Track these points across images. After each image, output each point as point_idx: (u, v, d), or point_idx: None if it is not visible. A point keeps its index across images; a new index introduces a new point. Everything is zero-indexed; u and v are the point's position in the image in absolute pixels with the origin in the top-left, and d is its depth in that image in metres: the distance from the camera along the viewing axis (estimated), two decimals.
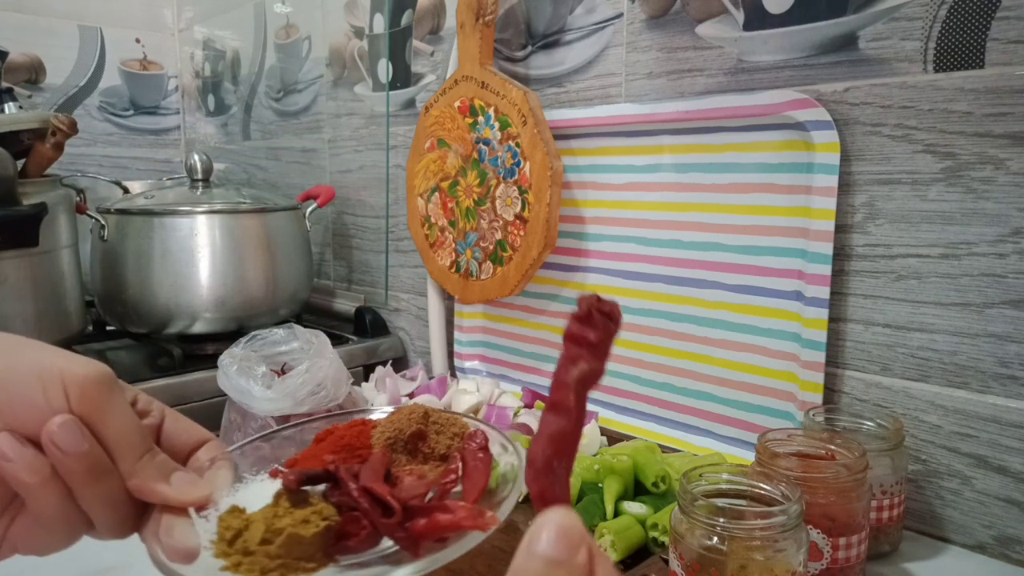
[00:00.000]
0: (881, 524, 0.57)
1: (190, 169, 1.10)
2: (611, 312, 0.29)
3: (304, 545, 0.29)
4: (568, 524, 0.23)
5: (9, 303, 0.87)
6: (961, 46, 0.57)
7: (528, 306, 0.92)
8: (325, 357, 0.62)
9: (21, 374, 0.30)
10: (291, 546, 0.29)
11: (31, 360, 0.31)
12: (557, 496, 0.26)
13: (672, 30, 0.76)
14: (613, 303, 0.29)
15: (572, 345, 0.29)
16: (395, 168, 1.13)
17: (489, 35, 0.86)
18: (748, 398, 0.72)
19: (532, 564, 0.22)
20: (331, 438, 0.37)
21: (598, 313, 0.29)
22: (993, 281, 0.58)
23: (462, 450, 0.36)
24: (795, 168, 0.66)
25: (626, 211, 0.80)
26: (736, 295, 0.72)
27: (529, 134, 0.80)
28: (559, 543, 0.22)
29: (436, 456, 0.36)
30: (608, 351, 0.29)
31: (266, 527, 0.30)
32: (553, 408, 0.28)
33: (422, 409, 0.37)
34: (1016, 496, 0.58)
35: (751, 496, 0.46)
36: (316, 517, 0.30)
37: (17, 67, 1.51)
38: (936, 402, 0.62)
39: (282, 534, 0.29)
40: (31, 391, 0.30)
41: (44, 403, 0.30)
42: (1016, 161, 0.56)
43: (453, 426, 0.37)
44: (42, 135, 0.93)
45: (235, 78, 1.54)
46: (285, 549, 0.29)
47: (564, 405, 0.28)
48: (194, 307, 1.01)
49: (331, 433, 0.37)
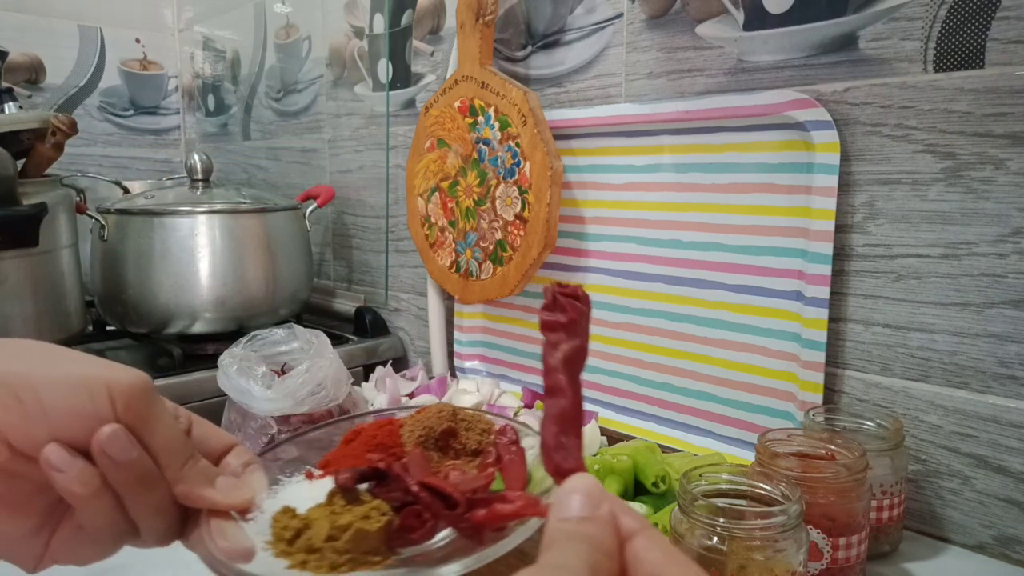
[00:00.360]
0: (881, 524, 0.57)
1: (190, 169, 1.10)
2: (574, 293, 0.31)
3: (370, 539, 0.30)
4: (588, 485, 0.26)
5: (9, 303, 0.87)
6: (961, 46, 0.57)
7: (528, 306, 0.92)
8: (325, 357, 0.62)
9: (68, 383, 0.30)
10: (358, 541, 0.30)
11: (76, 369, 0.31)
12: (572, 466, 0.29)
13: (672, 30, 0.76)
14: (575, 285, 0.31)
15: (549, 333, 0.31)
16: (395, 168, 1.13)
17: (489, 35, 0.86)
18: (748, 398, 0.72)
19: (565, 526, 0.25)
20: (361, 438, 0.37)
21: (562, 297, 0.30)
22: (993, 281, 0.58)
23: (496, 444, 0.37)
24: (795, 168, 0.66)
25: (626, 211, 0.80)
26: (736, 295, 0.72)
27: (529, 134, 0.80)
28: (585, 503, 0.25)
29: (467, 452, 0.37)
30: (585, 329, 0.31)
31: (331, 524, 0.30)
32: (550, 393, 0.30)
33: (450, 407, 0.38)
34: (1016, 496, 0.58)
35: (751, 496, 0.46)
36: (376, 513, 0.31)
37: (17, 67, 1.51)
38: (936, 402, 0.62)
39: (348, 530, 0.30)
40: (78, 400, 0.30)
41: (92, 412, 0.30)
42: (1016, 161, 0.56)
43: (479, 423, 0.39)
44: (42, 135, 0.93)
45: (235, 78, 1.54)
46: (352, 544, 0.30)
47: (558, 387, 0.30)
48: (194, 307, 1.01)
49: (359, 434, 0.38)
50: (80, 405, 0.30)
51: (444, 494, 0.32)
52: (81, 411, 0.30)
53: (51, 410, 0.30)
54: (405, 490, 0.32)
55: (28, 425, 0.30)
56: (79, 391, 0.30)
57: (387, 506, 0.32)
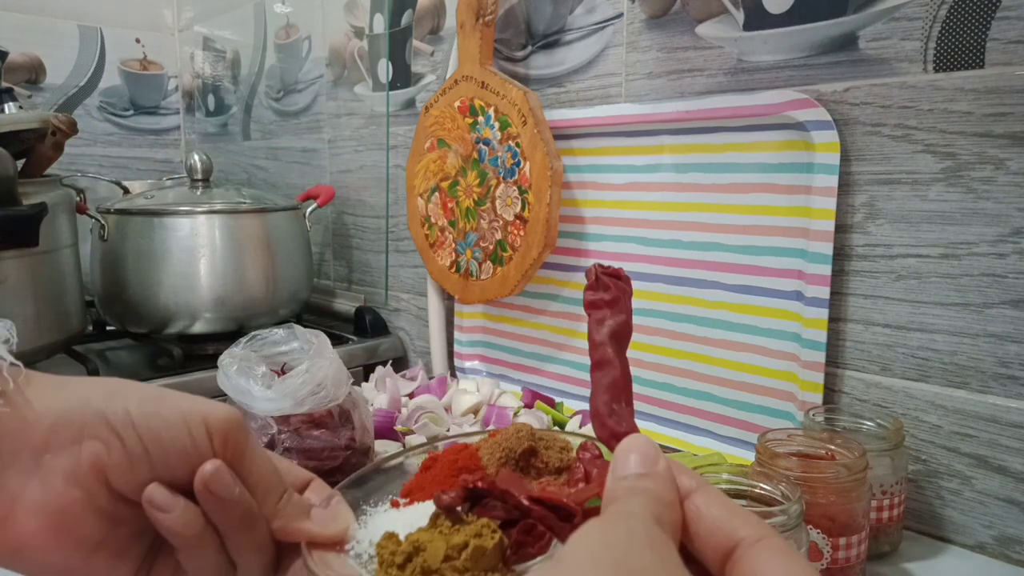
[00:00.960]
0: (881, 524, 0.57)
1: (190, 169, 1.10)
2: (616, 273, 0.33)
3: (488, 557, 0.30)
4: (643, 444, 0.27)
5: (9, 303, 0.87)
6: (961, 46, 0.57)
7: (528, 306, 0.92)
8: (325, 357, 0.62)
9: (167, 420, 0.30)
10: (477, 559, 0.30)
11: (174, 406, 0.31)
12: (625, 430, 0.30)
13: (672, 30, 0.76)
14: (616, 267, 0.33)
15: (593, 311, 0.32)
16: (395, 168, 1.13)
17: (489, 35, 0.86)
18: (748, 398, 0.72)
19: (625, 482, 0.26)
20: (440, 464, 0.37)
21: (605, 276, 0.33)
22: (993, 281, 0.58)
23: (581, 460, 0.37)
24: (795, 168, 0.66)
25: (626, 211, 0.80)
26: (736, 295, 0.72)
27: (529, 134, 0.80)
28: (642, 460, 0.26)
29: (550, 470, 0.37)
30: (628, 305, 0.33)
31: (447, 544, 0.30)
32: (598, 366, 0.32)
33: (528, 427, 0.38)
34: (1016, 496, 0.58)
35: (751, 496, 0.46)
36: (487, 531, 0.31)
37: (17, 67, 1.51)
38: (936, 402, 0.62)
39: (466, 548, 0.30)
40: (179, 436, 0.30)
41: (192, 448, 0.30)
42: (1016, 161, 0.56)
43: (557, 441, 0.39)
44: (42, 135, 0.93)
45: (235, 78, 1.54)
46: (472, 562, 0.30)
47: (606, 359, 0.32)
48: (194, 307, 1.01)
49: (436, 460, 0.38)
50: (180, 442, 0.30)
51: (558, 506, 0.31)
52: (182, 448, 0.30)
53: (152, 449, 0.30)
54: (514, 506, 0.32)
55: (129, 464, 0.29)
56: (179, 428, 0.30)
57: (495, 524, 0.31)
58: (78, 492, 0.29)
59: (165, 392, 0.32)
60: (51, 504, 0.28)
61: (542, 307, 0.91)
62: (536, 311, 0.91)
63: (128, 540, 0.31)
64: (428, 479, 0.37)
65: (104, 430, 0.29)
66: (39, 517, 0.28)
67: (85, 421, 0.29)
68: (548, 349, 0.91)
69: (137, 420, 0.30)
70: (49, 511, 0.28)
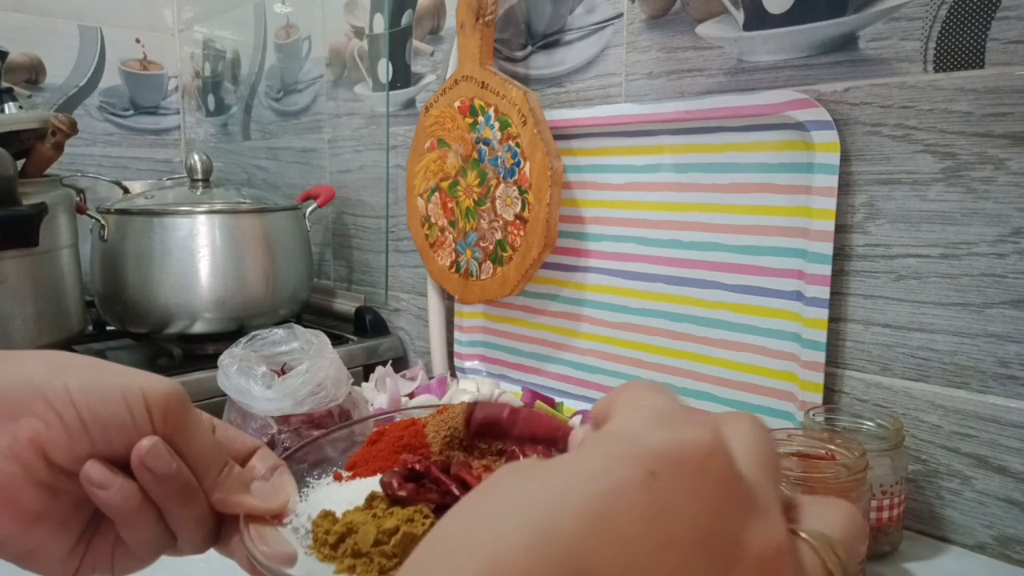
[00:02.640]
0: (881, 524, 0.57)
1: (190, 169, 1.10)
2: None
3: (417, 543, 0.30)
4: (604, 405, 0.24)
5: (9, 303, 0.87)
6: (961, 46, 0.57)
7: (528, 306, 0.92)
8: (325, 357, 0.62)
9: (106, 395, 0.30)
10: (406, 544, 0.30)
11: (113, 380, 0.31)
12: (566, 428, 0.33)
13: (672, 30, 0.76)
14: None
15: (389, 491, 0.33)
16: (395, 168, 1.13)
17: (489, 35, 0.86)
18: (748, 398, 0.72)
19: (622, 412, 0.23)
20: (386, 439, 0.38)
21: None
22: (993, 281, 0.58)
23: None
24: (795, 168, 0.66)
25: (626, 211, 0.80)
26: (736, 295, 0.72)
27: (529, 134, 0.80)
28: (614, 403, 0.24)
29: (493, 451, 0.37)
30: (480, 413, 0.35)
31: (377, 528, 0.31)
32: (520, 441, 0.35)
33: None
34: (1016, 496, 0.58)
35: None
36: (419, 516, 0.32)
37: (17, 67, 1.51)
38: (936, 402, 0.62)
39: (396, 534, 0.30)
40: (118, 411, 0.30)
41: (131, 423, 0.30)
42: (1016, 161, 0.56)
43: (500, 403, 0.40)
44: (42, 135, 0.93)
45: (235, 78, 1.54)
46: (401, 548, 0.30)
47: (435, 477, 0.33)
48: (194, 307, 1.01)
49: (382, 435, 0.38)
50: (120, 417, 0.30)
51: None
52: (121, 423, 0.30)
53: (92, 424, 0.30)
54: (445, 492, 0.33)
55: (68, 440, 0.30)
56: (118, 402, 0.30)
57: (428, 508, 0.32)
58: (16, 467, 0.29)
59: (105, 366, 0.32)
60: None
61: (542, 307, 0.91)
62: (536, 311, 0.91)
63: (69, 510, 0.31)
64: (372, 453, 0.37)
65: (42, 407, 0.29)
66: None
67: (23, 398, 0.29)
68: (548, 349, 0.91)
69: (76, 396, 0.30)
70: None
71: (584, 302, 0.86)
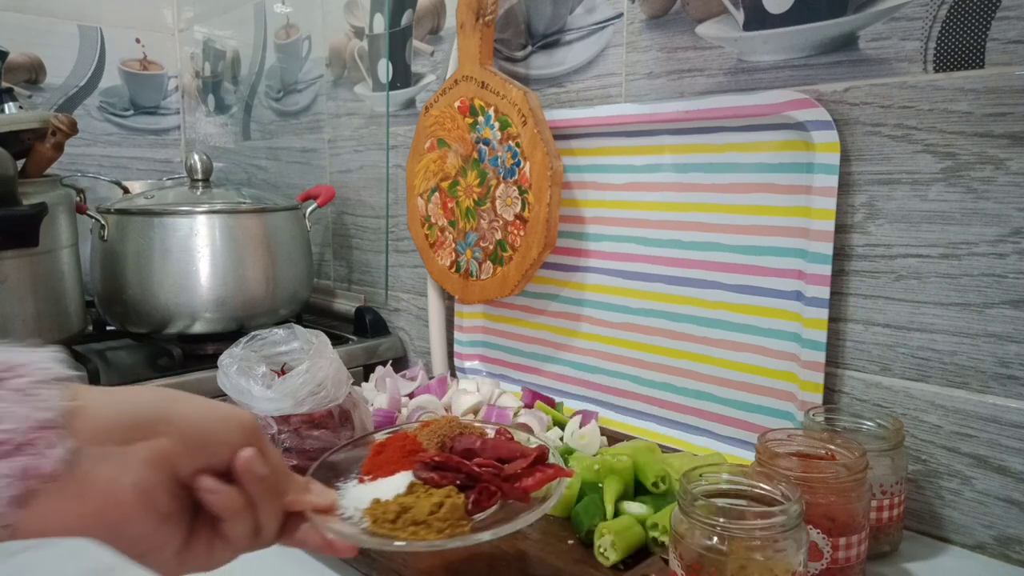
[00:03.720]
0: (881, 524, 0.57)
1: (190, 169, 1.10)
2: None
3: (458, 509, 0.42)
4: None
5: (9, 303, 0.87)
6: (961, 46, 0.57)
7: (528, 306, 0.92)
8: (325, 357, 0.62)
9: (214, 420, 0.39)
10: (453, 510, 0.42)
11: (216, 410, 0.40)
12: None
13: (672, 30, 0.76)
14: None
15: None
16: (395, 168, 1.13)
17: (489, 35, 0.86)
18: (748, 398, 0.72)
19: None
20: (390, 448, 0.48)
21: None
22: (993, 281, 0.58)
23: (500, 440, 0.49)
24: (795, 168, 0.66)
25: (626, 211, 0.80)
26: (736, 295, 0.72)
27: (529, 134, 0.80)
28: None
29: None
30: None
31: (429, 503, 0.42)
32: None
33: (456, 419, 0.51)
34: (1016, 496, 0.58)
35: (751, 496, 0.46)
36: (453, 492, 0.43)
37: (17, 67, 1.51)
38: (936, 402, 0.62)
39: (444, 505, 0.42)
40: (223, 433, 0.39)
41: (230, 441, 0.39)
42: (1016, 161, 0.56)
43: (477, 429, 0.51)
44: (42, 135, 0.93)
45: (235, 78, 1.54)
46: (449, 513, 0.42)
47: None
48: (194, 307, 1.01)
49: (385, 446, 0.48)
50: (223, 436, 0.39)
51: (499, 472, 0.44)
52: (224, 441, 0.39)
53: (205, 443, 0.38)
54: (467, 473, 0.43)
55: (189, 455, 0.38)
56: (222, 425, 0.39)
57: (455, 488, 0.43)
58: (156, 476, 0.36)
59: (201, 398, 0.40)
60: (138, 484, 0.35)
61: (542, 307, 0.91)
62: (536, 311, 0.91)
63: (181, 511, 0.38)
64: (383, 460, 0.47)
65: (171, 429, 0.37)
66: (130, 495, 0.35)
67: (157, 422, 0.37)
68: (548, 349, 0.91)
69: (194, 421, 0.38)
70: (139, 491, 0.35)
71: (584, 302, 0.86)
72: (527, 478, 0.44)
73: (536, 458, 0.46)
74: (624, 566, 0.54)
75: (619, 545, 0.54)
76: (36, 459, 0.32)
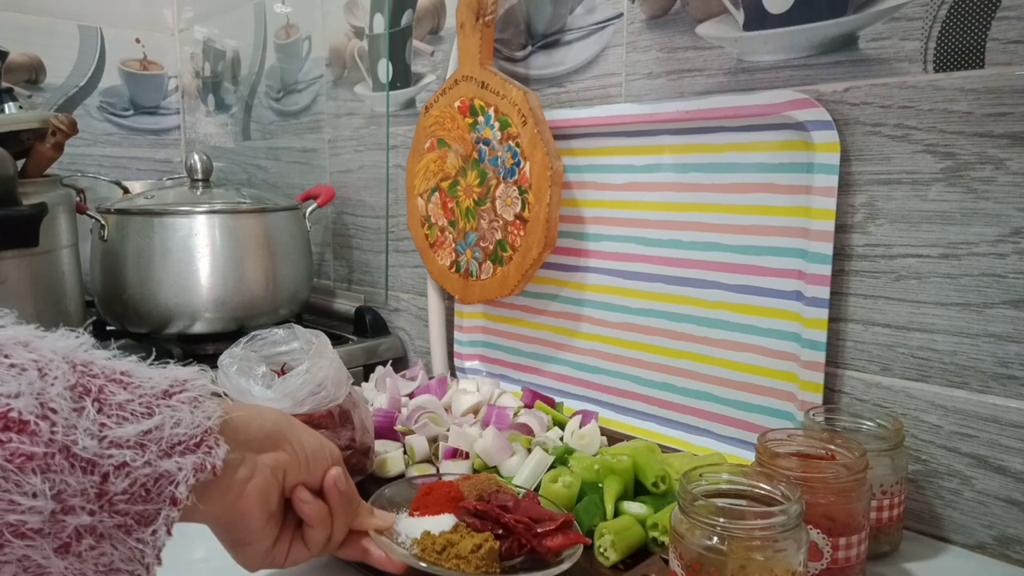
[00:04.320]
0: (881, 524, 0.57)
1: (190, 169, 1.10)
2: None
3: (494, 553, 0.48)
4: None
5: (9, 303, 0.86)
6: (961, 46, 0.57)
7: (528, 306, 0.92)
8: (325, 357, 0.62)
9: (316, 446, 0.48)
10: (490, 553, 0.48)
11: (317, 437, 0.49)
12: None
13: (672, 30, 0.76)
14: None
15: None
16: (395, 168, 1.13)
17: (489, 35, 0.86)
18: (748, 398, 0.72)
19: None
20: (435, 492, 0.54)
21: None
22: (993, 281, 0.58)
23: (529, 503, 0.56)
24: (795, 168, 0.66)
25: (626, 211, 0.80)
26: (736, 295, 0.72)
27: (529, 134, 0.80)
28: None
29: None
30: None
31: (471, 542, 0.48)
32: None
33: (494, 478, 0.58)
34: (1016, 496, 0.58)
35: (751, 496, 0.46)
36: (490, 537, 0.49)
37: (17, 67, 1.51)
38: (936, 402, 0.62)
39: (483, 547, 0.48)
40: (321, 457, 0.48)
41: (324, 462, 0.48)
42: (1016, 161, 0.56)
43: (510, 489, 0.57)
44: (42, 135, 0.93)
45: (235, 78, 1.54)
46: (487, 554, 0.48)
47: None
48: (194, 307, 1.01)
49: (432, 489, 0.55)
50: (322, 457, 0.48)
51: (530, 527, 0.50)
52: (323, 463, 0.48)
53: (309, 460, 0.47)
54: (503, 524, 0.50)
55: (296, 468, 0.46)
56: (324, 451, 0.48)
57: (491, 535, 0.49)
58: (275, 480, 0.45)
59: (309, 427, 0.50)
60: (262, 486, 0.43)
61: (542, 307, 0.91)
62: (536, 311, 0.91)
63: (279, 514, 0.47)
64: (430, 501, 0.54)
65: (287, 445, 0.46)
66: (256, 494, 0.43)
67: (279, 437, 0.46)
68: (548, 349, 0.91)
69: (304, 442, 0.47)
70: (260, 490, 0.43)
71: (584, 302, 0.86)
72: (553, 538, 0.50)
73: (563, 523, 0.51)
74: (624, 566, 0.54)
75: (619, 545, 0.54)
76: (208, 457, 0.38)
